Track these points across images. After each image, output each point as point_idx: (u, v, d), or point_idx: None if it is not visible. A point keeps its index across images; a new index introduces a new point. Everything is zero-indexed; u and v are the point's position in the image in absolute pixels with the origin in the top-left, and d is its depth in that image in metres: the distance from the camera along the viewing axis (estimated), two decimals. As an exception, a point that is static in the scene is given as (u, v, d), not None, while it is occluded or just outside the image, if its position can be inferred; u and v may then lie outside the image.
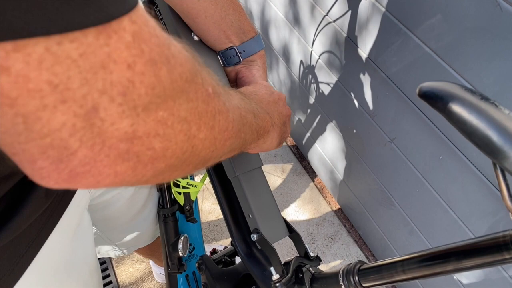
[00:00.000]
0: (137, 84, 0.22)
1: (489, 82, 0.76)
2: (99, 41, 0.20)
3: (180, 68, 0.25)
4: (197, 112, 0.28)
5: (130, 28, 0.21)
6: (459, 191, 0.96)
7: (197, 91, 0.28)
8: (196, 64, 0.28)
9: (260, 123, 0.45)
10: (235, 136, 0.36)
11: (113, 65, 0.20)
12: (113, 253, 0.88)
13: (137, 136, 0.23)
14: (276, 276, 0.55)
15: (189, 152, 0.28)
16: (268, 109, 0.50)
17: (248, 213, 0.60)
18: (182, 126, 0.26)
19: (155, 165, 0.26)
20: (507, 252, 0.33)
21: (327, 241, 1.56)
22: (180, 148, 0.27)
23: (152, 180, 0.28)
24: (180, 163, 0.28)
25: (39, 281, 0.50)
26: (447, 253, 0.38)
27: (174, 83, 0.24)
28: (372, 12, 0.96)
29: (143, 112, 0.23)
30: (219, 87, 0.33)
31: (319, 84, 1.36)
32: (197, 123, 0.28)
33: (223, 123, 0.33)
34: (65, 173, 0.22)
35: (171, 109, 0.25)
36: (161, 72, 0.23)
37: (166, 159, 0.26)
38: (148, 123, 0.23)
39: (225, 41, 0.57)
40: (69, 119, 0.20)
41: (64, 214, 0.50)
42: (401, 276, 0.43)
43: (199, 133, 0.29)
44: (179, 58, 0.25)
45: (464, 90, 0.32)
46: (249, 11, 1.68)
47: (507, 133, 0.29)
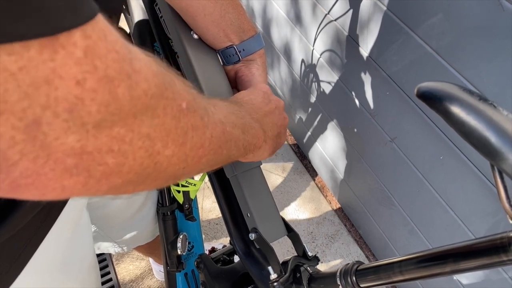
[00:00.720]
0: (87, 101, 0.20)
1: (490, 82, 0.76)
2: (43, 56, 0.18)
3: (145, 84, 0.24)
4: (164, 129, 0.26)
5: (81, 43, 0.20)
6: (459, 191, 0.95)
7: (166, 106, 0.26)
8: (167, 77, 0.27)
9: (250, 139, 0.43)
10: (213, 152, 0.34)
11: (58, 80, 0.19)
12: (113, 249, 0.88)
13: (87, 152, 0.22)
14: (274, 276, 0.55)
15: (151, 168, 0.27)
16: (262, 121, 0.48)
17: (246, 212, 0.59)
18: (143, 143, 0.25)
19: (110, 181, 0.25)
20: (504, 254, 0.33)
21: (327, 240, 1.56)
22: (139, 164, 0.25)
23: (111, 192, 0.26)
24: (141, 178, 0.27)
25: (36, 279, 0.50)
26: (445, 254, 0.38)
27: (135, 100, 0.23)
28: (374, 11, 0.96)
29: (93, 128, 0.21)
30: (197, 101, 0.31)
31: (320, 83, 1.36)
32: (163, 139, 0.27)
33: (197, 140, 0.31)
34: (6, 184, 0.21)
35: (130, 126, 0.24)
36: (118, 89, 0.22)
37: (122, 174, 0.25)
38: (99, 139, 0.22)
39: (224, 40, 0.57)
40: (7, 131, 0.19)
41: (63, 212, 0.50)
42: (399, 277, 0.42)
43: (165, 150, 0.27)
44: (144, 73, 0.24)
45: (462, 90, 0.31)
46: (251, 9, 1.67)
47: (505, 135, 0.29)
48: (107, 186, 0.25)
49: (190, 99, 0.30)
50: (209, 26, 0.55)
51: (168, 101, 0.27)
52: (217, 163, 0.37)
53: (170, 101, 0.27)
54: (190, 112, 0.29)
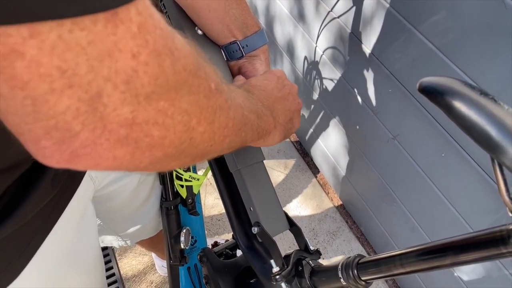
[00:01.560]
0: (140, 73, 0.22)
1: (492, 79, 0.76)
2: (107, 30, 0.20)
3: (184, 61, 0.26)
4: (198, 106, 0.29)
5: (136, 19, 0.21)
6: (461, 188, 0.96)
7: (200, 85, 0.28)
8: (200, 59, 0.29)
9: (263, 124, 0.45)
10: (235, 134, 0.37)
11: (118, 53, 0.21)
12: (117, 243, 0.89)
13: (137, 123, 0.24)
14: (276, 269, 0.56)
15: (187, 143, 0.29)
16: (274, 107, 0.50)
17: (249, 206, 0.60)
18: (182, 118, 0.27)
19: (153, 153, 0.26)
20: (504, 246, 0.33)
21: (329, 237, 1.57)
22: (178, 138, 0.28)
23: (150, 167, 0.28)
24: (177, 153, 0.29)
25: (43, 269, 0.51)
26: (445, 247, 0.38)
27: (177, 74, 0.25)
28: (377, 8, 0.96)
29: (144, 100, 0.23)
30: (222, 84, 0.34)
31: (323, 80, 1.36)
32: (197, 116, 0.29)
33: (223, 120, 0.33)
34: (67, 154, 0.23)
35: (172, 100, 0.25)
36: (164, 63, 0.24)
37: (164, 147, 0.27)
38: (148, 111, 0.24)
39: (228, 36, 0.57)
40: (74, 103, 0.20)
41: (69, 205, 0.51)
42: (399, 270, 0.43)
43: (199, 126, 0.29)
44: (183, 51, 0.26)
45: (463, 85, 0.32)
46: (254, 6, 1.67)
47: (505, 128, 0.29)
48: (150, 158, 0.27)
49: (218, 81, 0.32)
50: (214, 21, 0.56)
51: (201, 80, 0.29)
52: (236, 144, 0.40)
53: (202, 80, 0.29)
54: (218, 93, 0.32)
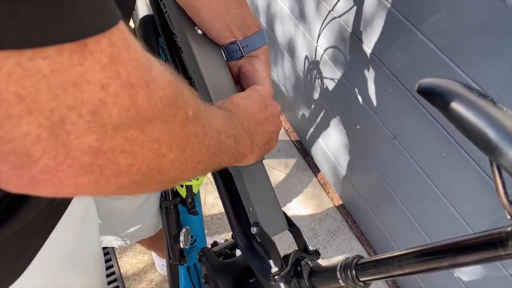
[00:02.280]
0: (109, 105, 0.22)
1: (493, 80, 0.76)
2: (73, 61, 0.20)
3: (161, 92, 0.25)
4: (171, 134, 0.28)
5: (107, 51, 0.21)
6: (461, 188, 0.95)
7: (176, 114, 0.28)
8: (179, 86, 0.29)
9: (240, 149, 0.45)
10: (209, 159, 0.36)
11: (85, 84, 0.20)
12: (116, 243, 0.89)
13: (102, 151, 0.23)
14: (275, 269, 0.56)
15: (156, 170, 0.28)
16: (254, 129, 0.49)
17: (248, 206, 0.60)
18: (152, 145, 0.26)
19: (119, 180, 0.26)
20: (502, 249, 0.33)
21: (329, 236, 1.57)
22: (146, 166, 0.27)
23: (116, 193, 0.28)
24: (145, 180, 0.28)
25: (45, 270, 0.51)
26: (444, 249, 0.38)
27: (152, 106, 0.25)
28: (377, 8, 0.96)
29: (112, 130, 0.23)
30: (201, 111, 0.33)
31: (324, 79, 1.36)
32: (168, 144, 0.28)
33: (197, 147, 0.33)
34: (25, 179, 0.22)
35: (143, 129, 0.25)
36: (138, 95, 0.23)
37: (131, 174, 0.26)
38: (115, 139, 0.23)
39: (228, 35, 0.57)
40: (34, 129, 0.20)
41: (71, 205, 0.51)
42: (398, 271, 0.43)
43: (169, 154, 0.29)
44: (161, 81, 0.25)
45: (462, 86, 0.32)
46: (255, 5, 1.67)
47: (504, 131, 0.29)
48: (115, 186, 0.26)
49: (196, 108, 0.32)
50: (214, 21, 0.56)
51: (179, 109, 0.28)
52: (210, 169, 0.39)
53: (180, 109, 0.28)
54: (194, 120, 0.31)
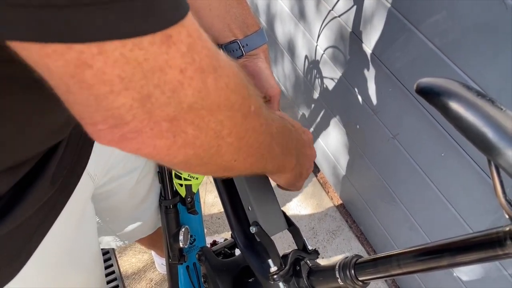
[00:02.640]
0: (185, 85, 0.27)
1: (492, 80, 0.76)
2: (161, 50, 0.25)
3: (227, 79, 0.30)
4: (233, 121, 0.32)
5: (186, 41, 0.26)
6: (460, 188, 0.96)
7: (241, 104, 0.32)
8: (244, 80, 0.33)
9: (285, 161, 0.48)
10: (258, 157, 0.40)
11: (168, 68, 0.25)
12: (115, 243, 0.89)
13: (176, 119, 0.28)
14: (274, 268, 0.56)
15: (215, 149, 0.33)
16: (300, 151, 0.52)
17: (247, 205, 0.60)
18: (215, 126, 0.31)
19: (186, 150, 0.31)
20: (500, 248, 0.33)
21: (329, 236, 1.57)
22: (208, 142, 0.31)
23: (182, 165, 0.33)
24: (206, 156, 0.33)
25: (43, 267, 0.51)
26: (442, 248, 0.38)
27: (219, 90, 0.29)
28: (377, 7, 0.96)
29: (187, 107, 0.28)
30: (261, 109, 0.37)
31: (323, 79, 1.36)
32: (229, 129, 0.32)
33: (252, 141, 0.36)
34: (117, 136, 0.28)
35: (212, 112, 0.30)
36: (207, 79, 0.28)
37: (195, 147, 0.31)
38: (188, 114, 0.28)
39: (228, 35, 0.57)
40: (128, 101, 0.26)
41: (69, 203, 0.51)
42: (397, 271, 0.43)
43: (228, 138, 0.33)
44: (226, 70, 0.30)
45: (460, 86, 0.32)
46: (255, 5, 1.67)
47: (502, 130, 0.29)
48: (183, 155, 0.31)
49: (257, 105, 0.36)
50: (214, 20, 0.56)
51: (244, 100, 0.33)
52: (256, 169, 0.43)
53: (245, 100, 0.33)
54: (255, 116, 0.35)
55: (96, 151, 0.55)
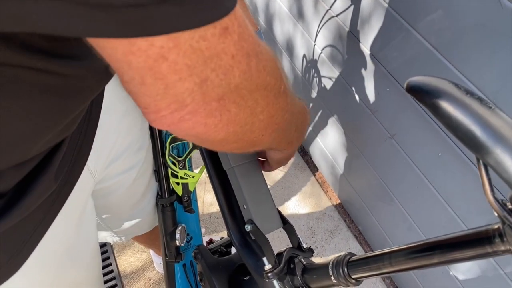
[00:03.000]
0: (235, 68, 0.31)
1: (489, 79, 0.76)
2: (219, 40, 0.28)
3: (265, 62, 0.34)
4: (267, 100, 0.37)
5: (237, 30, 0.29)
6: (457, 188, 0.96)
7: (274, 85, 0.36)
8: (277, 64, 0.37)
9: (295, 137, 0.53)
10: (280, 132, 0.44)
11: (223, 55, 0.29)
12: (111, 239, 0.90)
13: (223, 99, 0.32)
14: (269, 266, 0.56)
15: (249, 126, 0.37)
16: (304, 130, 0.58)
17: (242, 204, 0.61)
18: (252, 104, 0.35)
19: (229, 127, 0.35)
20: (489, 246, 0.34)
21: (327, 235, 1.57)
22: (244, 119, 0.36)
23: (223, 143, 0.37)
24: (241, 133, 0.37)
25: (44, 263, 0.51)
26: (432, 246, 0.39)
27: (259, 72, 0.33)
28: (374, 7, 0.96)
29: (234, 87, 0.32)
30: (289, 90, 0.41)
31: (321, 78, 1.37)
32: (262, 107, 0.37)
33: (279, 117, 0.41)
34: (176, 118, 0.32)
35: (251, 91, 0.34)
36: (251, 63, 0.32)
37: (235, 124, 0.35)
38: (233, 94, 0.32)
39: None
40: (190, 85, 0.29)
41: (70, 199, 0.52)
42: (388, 268, 0.43)
43: (260, 115, 0.37)
44: (265, 55, 0.34)
45: (450, 84, 0.32)
46: (254, 4, 1.67)
47: (490, 129, 0.30)
48: (225, 132, 0.35)
49: (286, 86, 0.40)
50: None
51: (276, 81, 0.37)
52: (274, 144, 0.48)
53: (277, 81, 0.37)
54: (284, 95, 0.40)
55: (97, 147, 0.56)
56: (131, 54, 0.26)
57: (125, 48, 0.26)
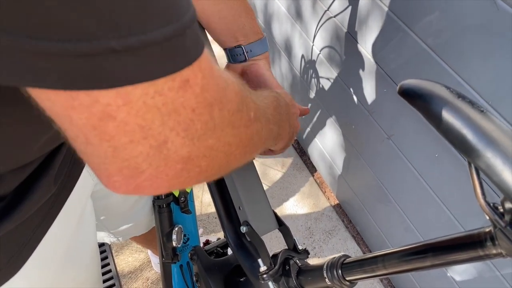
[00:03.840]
0: (196, 122, 0.27)
1: (485, 80, 0.76)
2: (178, 94, 0.25)
3: (229, 105, 0.30)
4: (239, 136, 0.33)
5: (200, 83, 0.26)
6: (454, 189, 0.96)
7: (241, 118, 0.33)
8: (244, 94, 0.34)
9: (281, 131, 0.50)
10: (261, 145, 0.42)
11: (182, 109, 0.26)
12: (108, 239, 0.90)
13: (190, 158, 0.28)
14: (264, 268, 0.56)
15: (225, 165, 0.34)
16: (290, 116, 0.55)
17: (238, 205, 0.61)
18: (224, 148, 0.31)
19: (199, 178, 0.32)
20: (481, 249, 0.34)
21: (325, 235, 1.57)
22: (218, 164, 0.32)
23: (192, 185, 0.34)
24: (216, 174, 0.34)
25: (43, 263, 0.52)
26: (425, 248, 0.39)
27: (223, 117, 0.30)
28: (372, 8, 0.96)
29: (197, 141, 0.28)
30: (260, 109, 0.38)
31: (320, 79, 1.37)
32: (236, 144, 0.33)
33: (256, 140, 0.38)
34: (132, 186, 0.28)
35: (218, 137, 0.30)
36: (214, 112, 0.28)
37: (208, 173, 0.32)
38: (199, 148, 0.28)
39: (234, 41, 0.61)
40: (145, 149, 0.25)
41: (69, 201, 0.52)
42: (382, 271, 0.43)
43: (236, 151, 0.34)
44: (230, 95, 0.30)
45: (441, 88, 0.32)
46: (253, 4, 1.67)
47: (481, 132, 0.30)
48: (195, 181, 0.32)
49: (256, 109, 0.36)
50: (223, 27, 0.60)
51: (243, 113, 0.33)
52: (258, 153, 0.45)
53: (244, 113, 0.33)
54: (255, 120, 0.36)
55: None
56: (72, 109, 0.23)
57: (64, 102, 0.23)
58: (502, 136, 0.29)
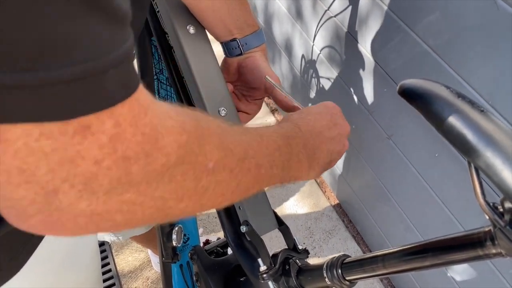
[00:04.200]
0: (100, 176, 0.23)
1: (485, 80, 0.76)
2: (73, 140, 0.21)
3: (165, 158, 0.25)
4: (181, 191, 0.28)
5: (110, 131, 0.22)
6: (454, 189, 0.96)
7: (186, 171, 0.27)
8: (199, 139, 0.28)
9: (292, 172, 0.43)
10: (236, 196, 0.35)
11: (80, 160, 0.22)
12: (109, 237, 0.90)
13: (96, 213, 0.24)
14: (264, 268, 0.56)
15: (161, 218, 0.29)
16: (317, 149, 0.48)
17: (238, 205, 0.61)
18: (155, 203, 0.26)
19: (116, 229, 0.27)
20: (480, 249, 0.34)
21: (325, 235, 1.57)
22: (148, 217, 0.27)
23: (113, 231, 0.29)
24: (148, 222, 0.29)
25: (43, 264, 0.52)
26: (425, 248, 0.39)
27: (150, 172, 0.25)
28: (372, 7, 0.96)
29: (104, 195, 0.23)
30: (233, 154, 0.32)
31: (320, 78, 1.37)
32: (177, 198, 0.28)
33: (218, 191, 0.31)
34: (25, 226, 0.24)
35: (142, 192, 0.25)
36: (132, 167, 0.24)
37: (128, 226, 0.27)
38: (109, 204, 0.24)
39: (228, 34, 0.60)
40: (30, 195, 0.22)
41: None
42: (382, 270, 0.43)
43: (179, 204, 0.28)
44: (167, 148, 0.25)
45: (441, 87, 0.32)
46: (253, 4, 1.67)
47: (481, 132, 0.30)
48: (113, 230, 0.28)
49: (221, 156, 0.30)
50: (217, 21, 0.59)
51: (190, 165, 0.27)
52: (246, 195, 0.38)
53: (192, 165, 0.28)
54: (216, 171, 0.30)
55: None
56: None
57: None
58: (502, 136, 0.29)
